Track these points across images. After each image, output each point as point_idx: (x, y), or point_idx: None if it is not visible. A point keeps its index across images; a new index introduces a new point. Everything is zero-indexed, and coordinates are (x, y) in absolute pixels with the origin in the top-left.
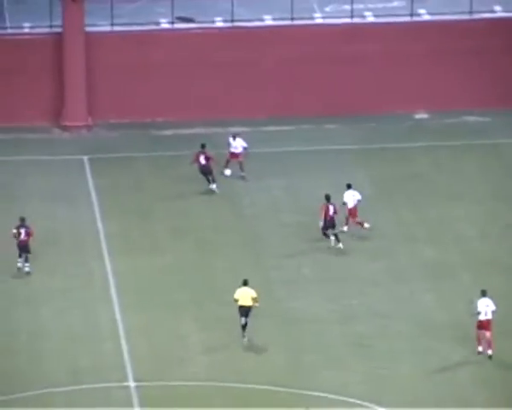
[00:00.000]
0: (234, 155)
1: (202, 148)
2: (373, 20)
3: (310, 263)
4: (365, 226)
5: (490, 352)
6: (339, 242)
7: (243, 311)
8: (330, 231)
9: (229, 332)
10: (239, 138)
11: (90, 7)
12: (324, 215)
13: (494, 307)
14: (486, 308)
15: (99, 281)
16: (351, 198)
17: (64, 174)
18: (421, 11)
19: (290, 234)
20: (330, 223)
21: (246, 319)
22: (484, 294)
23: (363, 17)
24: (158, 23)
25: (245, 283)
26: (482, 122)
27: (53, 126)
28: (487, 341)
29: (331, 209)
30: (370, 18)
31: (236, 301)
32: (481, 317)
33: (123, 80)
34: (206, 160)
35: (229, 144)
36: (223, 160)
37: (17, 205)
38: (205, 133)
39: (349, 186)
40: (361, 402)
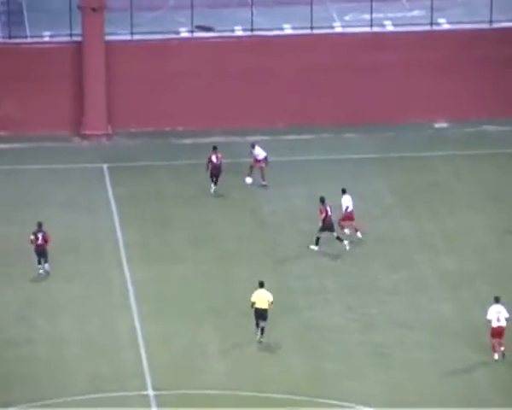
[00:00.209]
0: (257, 161)
1: (214, 149)
2: (392, 30)
3: (329, 272)
4: (358, 235)
5: (502, 348)
6: (342, 241)
7: (260, 314)
8: (330, 234)
9: (248, 341)
10: (257, 147)
11: (110, 16)
12: (324, 217)
13: (507, 315)
14: (498, 315)
15: (118, 289)
16: (349, 202)
17: (84, 183)
18: (440, 20)
19: (310, 243)
20: (329, 224)
21: (264, 323)
22: (497, 300)
23: (382, 26)
24: (177, 32)
25: (261, 285)
26: (502, 131)
27: (73, 135)
28: (499, 343)
29: (329, 210)
30: (390, 27)
31: (254, 303)
32: (493, 324)
33: (142, 89)
34: (217, 159)
35: (251, 153)
36: (240, 168)
37: (37, 213)
38: (224, 142)
39: (344, 191)
40: None
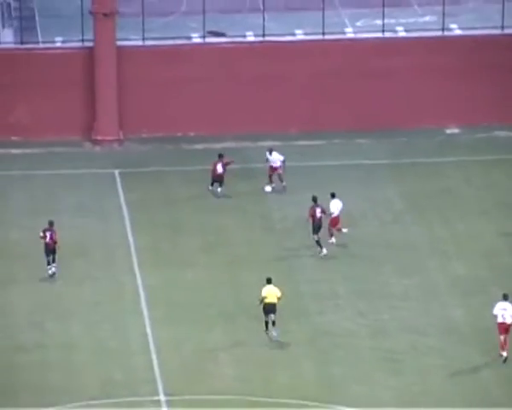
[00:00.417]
0: (273, 169)
1: (220, 157)
2: (404, 35)
3: (340, 277)
4: (343, 230)
5: (505, 353)
6: (322, 248)
7: (270, 308)
8: (316, 236)
9: (259, 346)
10: (275, 152)
11: (122, 21)
12: (312, 218)
13: None
14: (504, 312)
15: (129, 294)
16: (336, 208)
17: (95, 188)
18: (452, 26)
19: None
20: (318, 225)
21: (273, 316)
22: (505, 297)
23: (394, 32)
24: (189, 37)
25: (269, 281)
26: None
27: (84, 140)
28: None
29: (318, 211)
30: (402, 33)
31: (264, 298)
32: (499, 320)
33: (154, 94)
34: (223, 168)
35: (266, 160)
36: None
37: (49, 218)
38: (235, 147)
39: (333, 195)
40: None
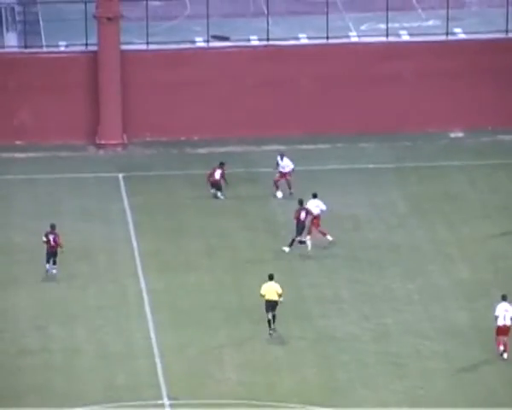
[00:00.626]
0: (283, 175)
1: (221, 165)
2: (408, 39)
3: (344, 281)
4: (328, 239)
5: (505, 355)
6: (289, 246)
7: (269, 306)
8: (299, 237)
9: (263, 350)
10: (286, 158)
11: (126, 25)
12: (297, 220)
13: None
14: (505, 313)
15: (133, 299)
16: (314, 207)
17: (99, 192)
18: (456, 30)
19: (325, 252)
20: (301, 226)
21: (273, 313)
22: (504, 298)
23: (398, 36)
24: (193, 41)
25: (270, 277)
26: None
27: (88, 144)
28: (504, 344)
29: (302, 214)
30: (406, 37)
31: (263, 296)
32: (500, 322)
33: (158, 98)
34: (220, 176)
35: (277, 164)
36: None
37: (52, 222)
38: (239, 151)
39: (315, 196)
40: None
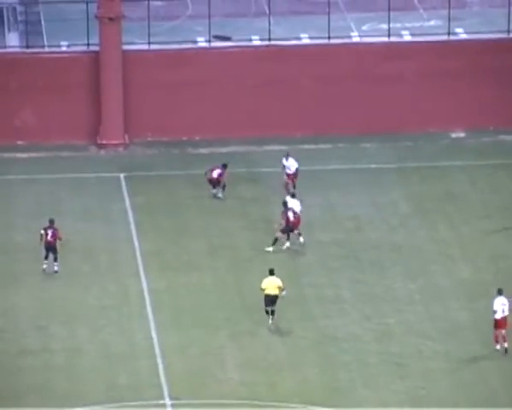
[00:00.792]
0: (290, 176)
1: (223, 166)
2: (410, 39)
3: (346, 281)
4: (300, 240)
5: (506, 344)
6: (272, 246)
7: (269, 300)
8: (281, 234)
9: (265, 350)
10: (291, 158)
11: (127, 25)
12: (286, 221)
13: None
14: (503, 307)
15: (135, 299)
16: (297, 207)
17: (100, 192)
18: (458, 30)
19: (326, 252)
20: (288, 228)
21: (272, 308)
22: (500, 292)
23: (400, 36)
24: (195, 41)
25: (271, 272)
26: None
27: (90, 144)
28: (502, 336)
29: (291, 216)
30: (407, 37)
31: (263, 290)
32: (497, 316)
33: (159, 98)
34: (218, 175)
35: (283, 166)
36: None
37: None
38: (241, 151)
39: (293, 195)
40: None
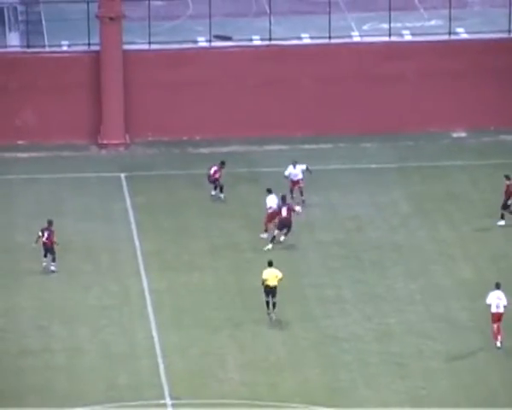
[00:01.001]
0: (295, 183)
1: (222, 164)
2: (411, 39)
3: (346, 281)
4: (281, 239)
5: (498, 344)
6: (270, 243)
7: (269, 291)
8: (284, 231)
9: (266, 350)
10: (298, 165)
11: (128, 25)
12: (278, 217)
13: (506, 302)
14: (498, 301)
15: (136, 298)
16: (273, 203)
17: (101, 192)
18: (459, 30)
19: (327, 252)
20: (282, 223)
21: (273, 300)
22: (497, 286)
23: (400, 36)
24: (195, 41)
25: (270, 264)
26: None
27: (90, 144)
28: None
29: (284, 211)
30: (408, 36)
31: (264, 281)
32: (492, 309)
33: (160, 98)
34: (214, 172)
35: (289, 174)
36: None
37: (55, 222)
38: (241, 151)
39: (269, 191)
40: None
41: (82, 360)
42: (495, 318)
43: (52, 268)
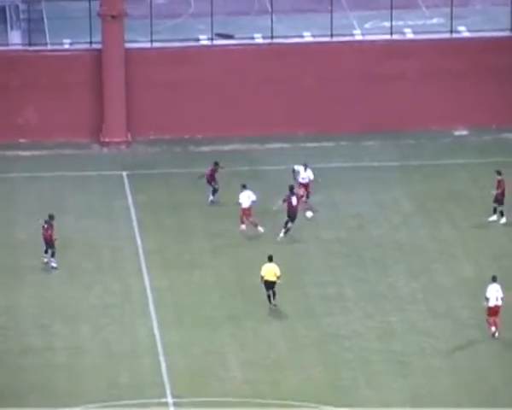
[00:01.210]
0: (302, 186)
1: (215, 165)
2: (412, 37)
3: (348, 279)
4: (259, 229)
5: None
6: (284, 234)
7: (268, 285)
8: (290, 223)
9: (267, 348)
10: (309, 169)
11: (130, 23)
12: (288, 206)
13: (502, 294)
14: (497, 294)
15: (137, 297)
16: (246, 199)
17: (103, 190)
18: (460, 28)
19: (329, 249)
20: (291, 214)
21: (273, 290)
22: (494, 279)
23: (402, 34)
24: (197, 39)
25: (270, 259)
26: None
27: (92, 142)
28: (495, 324)
29: (294, 200)
30: (410, 35)
31: (263, 277)
32: (491, 303)
33: (162, 96)
34: (210, 171)
35: (298, 173)
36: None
37: (57, 220)
38: (243, 150)
39: (244, 186)
40: None
41: (83, 359)
42: (493, 311)
43: (53, 264)
